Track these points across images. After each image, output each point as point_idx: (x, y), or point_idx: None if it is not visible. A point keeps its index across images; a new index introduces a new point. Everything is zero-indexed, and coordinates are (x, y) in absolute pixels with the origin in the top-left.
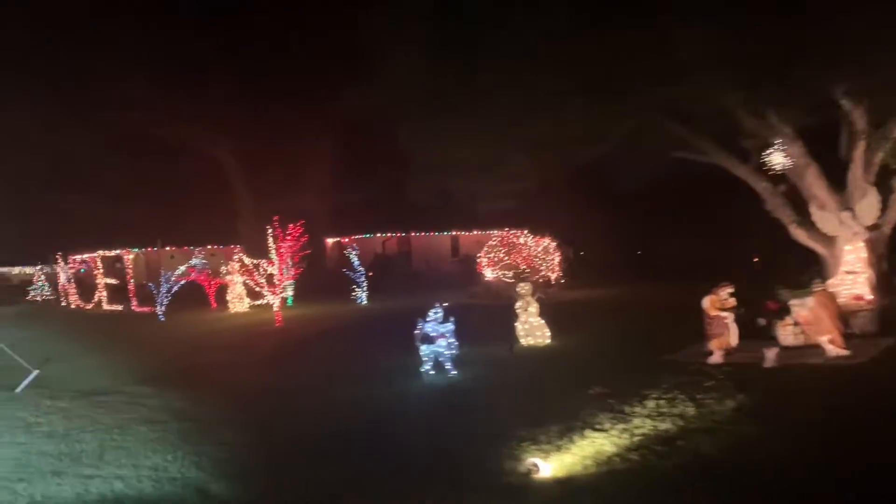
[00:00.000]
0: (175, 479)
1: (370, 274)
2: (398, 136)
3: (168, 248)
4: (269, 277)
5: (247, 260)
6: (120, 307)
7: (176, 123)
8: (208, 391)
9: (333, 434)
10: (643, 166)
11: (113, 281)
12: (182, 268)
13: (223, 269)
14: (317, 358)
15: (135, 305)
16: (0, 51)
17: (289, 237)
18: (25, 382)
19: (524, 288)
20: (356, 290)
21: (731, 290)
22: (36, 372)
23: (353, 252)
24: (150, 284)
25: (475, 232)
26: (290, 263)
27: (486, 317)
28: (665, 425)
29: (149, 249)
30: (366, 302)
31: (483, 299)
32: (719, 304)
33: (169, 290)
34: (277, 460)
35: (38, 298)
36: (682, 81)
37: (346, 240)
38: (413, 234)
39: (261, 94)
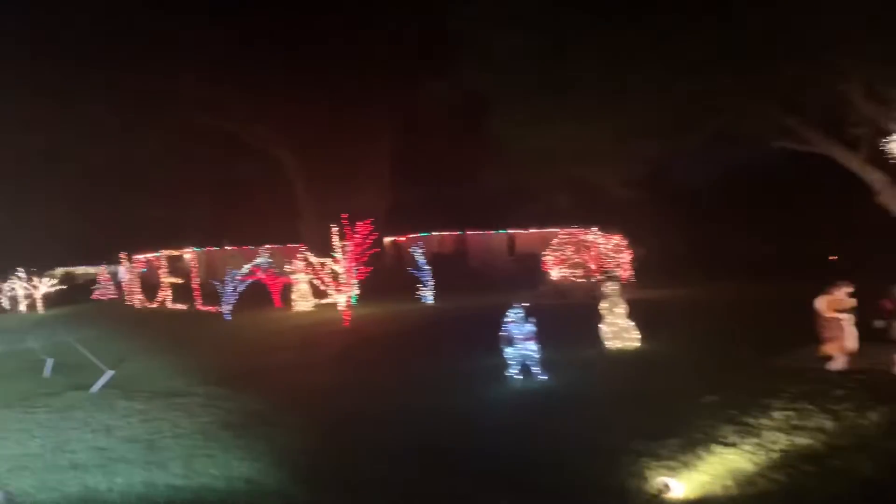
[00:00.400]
0: (272, 492)
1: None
2: (478, 127)
3: (228, 248)
4: (335, 276)
5: (312, 258)
6: (184, 306)
7: (238, 123)
8: (283, 393)
9: (423, 444)
10: (709, 161)
11: (177, 280)
12: (247, 266)
13: (288, 267)
14: (391, 359)
15: (199, 304)
16: (64, 49)
17: (357, 235)
18: (100, 383)
19: (611, 287)
20: (422, 289)
21: (849, 289)
22: (110, 372)
23: (419, 250)
24: (217, 283)
25: (532, 230)
26: (358, 262)
27: (559, 317)
28: (805, 440)
29: (209, 249)
30: (432, 301)
31: (551, 299)
32: (836, 304)
33: (235, 289)
34: (369, 473)
35: (103, 297)
36: (804, 61)
37: (404, 238)
38: (469, 232)
39: (321, 93)
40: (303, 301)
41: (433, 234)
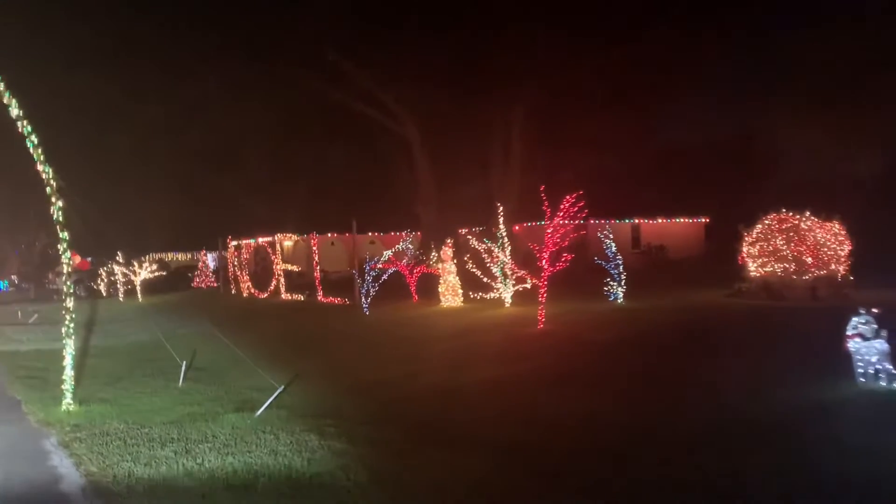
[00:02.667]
0: None
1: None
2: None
3: (330, 235)
4: (503, 266)
5: (476, 244)
6: (300, 296)
7: (362, 95)
8: (524, 425)
9: None
10: None
11: (293, 268)
12: (387, 253)
13: (434, 256)
14: (645, 380)
15: (321, 295)
16: (170, 24)
17: (560, 213)
18: (267, 402)
19: None
20: (612, 285)
21: None
22: (280, 388)
23: (608, 238)
24: (355, 272)
25: (660, 220)
26: (557, 248)
27: (803, 325)
28: None
29: (308, 235)
30: (621, 300)
31: (755, 299)
32: None
33: (378, 279)
34: None
35: (203, 285)
36: None
37: (517, 227)
38: (591, 221)
39: (451, 67)
40: (451, 295)
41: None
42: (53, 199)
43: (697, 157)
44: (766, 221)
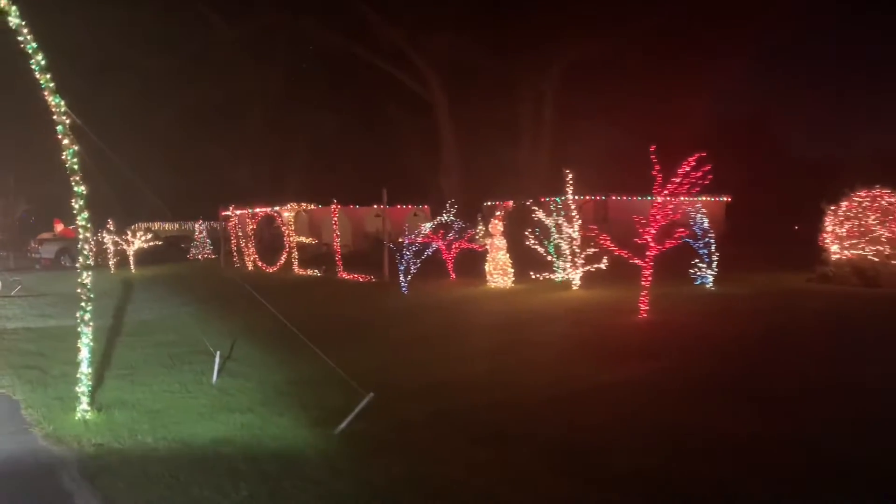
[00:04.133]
0: None
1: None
2: None
3: (334, 205)
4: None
5: (544, 217)
6: (316, 271)
7: (391, 51)
8: (697, 454)
9: None
10: None
11: (309, 240)
12: (428, 226)
13: (480, 229)
14: (849, 392)
15: (341, 271)
16: None
17: (678, 178)
18: (351, 415)
19: None
20: (701, 267)
21: None
22: (369, 395)
23: (700, 213)
24: (392, 245)
25: (682, 198)
26: (666, 221)
27: None
28: None
29: (316, 207)
30: (711, 285)
31: (846, 284)
32: None
33: (418, 255)
34: None
35: (199, 257)
36: None
37: (528, 201)
38: (613, 197)
39: (479, 29)
40: (500, 275)
41: (576, 197)
42: (67, 142)
43: (721, 131)
44: (856, 199)
